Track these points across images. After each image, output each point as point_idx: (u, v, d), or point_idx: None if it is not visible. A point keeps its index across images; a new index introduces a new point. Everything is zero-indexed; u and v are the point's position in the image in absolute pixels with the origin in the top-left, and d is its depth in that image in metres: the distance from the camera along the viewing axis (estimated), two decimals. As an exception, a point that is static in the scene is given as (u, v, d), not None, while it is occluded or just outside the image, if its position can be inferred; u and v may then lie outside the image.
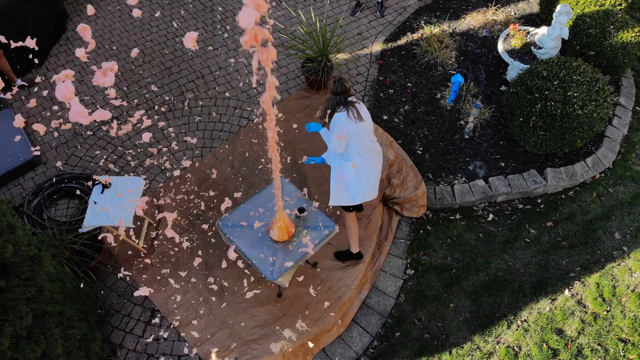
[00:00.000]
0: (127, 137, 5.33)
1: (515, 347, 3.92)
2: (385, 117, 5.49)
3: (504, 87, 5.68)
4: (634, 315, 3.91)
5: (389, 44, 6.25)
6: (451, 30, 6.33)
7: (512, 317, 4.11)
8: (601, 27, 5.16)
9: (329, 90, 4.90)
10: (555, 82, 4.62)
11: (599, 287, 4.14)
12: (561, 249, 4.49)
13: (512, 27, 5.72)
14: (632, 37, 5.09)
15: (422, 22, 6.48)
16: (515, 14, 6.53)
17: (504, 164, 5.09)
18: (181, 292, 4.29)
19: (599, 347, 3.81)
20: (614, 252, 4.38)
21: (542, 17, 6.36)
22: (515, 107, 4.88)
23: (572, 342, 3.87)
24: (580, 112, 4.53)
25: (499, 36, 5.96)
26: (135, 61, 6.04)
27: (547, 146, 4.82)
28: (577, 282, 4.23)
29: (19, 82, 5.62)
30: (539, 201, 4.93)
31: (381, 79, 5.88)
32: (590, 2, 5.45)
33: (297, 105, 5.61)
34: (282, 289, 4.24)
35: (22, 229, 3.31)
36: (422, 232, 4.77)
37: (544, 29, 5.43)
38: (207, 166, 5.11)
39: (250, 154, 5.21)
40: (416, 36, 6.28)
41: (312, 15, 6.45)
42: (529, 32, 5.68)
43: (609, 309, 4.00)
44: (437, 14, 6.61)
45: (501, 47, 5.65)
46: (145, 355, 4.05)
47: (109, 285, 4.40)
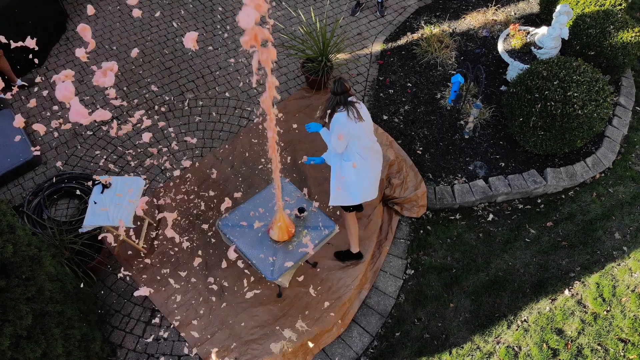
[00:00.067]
0: (127, 137, 5.33)
1: (515, 347, 3.92)
2: (385, 117, 5.49)
3: (504, 87, 5.68)
4: (634, 315, 3.91)
5: (389, 44, 6.25)
6: (451, 30, 6.33)
7: (512, 317, 4.11)
8: (601, 27, 5.16)
9: (329, 90, 4.90)
10: (555, 82, 4.62)
11: (599, 287, 4.14)
12: (561, 249, 4.49)
13: (512, 27, 5.72)
14: (632, 37, 5.09)
15: (422, 22, 6.48)
16: (515, 14, 6.53)
17: (504, 164, 5.09)
18: (181, 292, 4.29)
19: (599, 347, 3.81)
20: (614, 252, 4.38)
21: (542, 17, 6.36)
22: (515, 107, 4.88)
23: (572, 342, 3.87)
24: (580, 112, 4.53)
25: (499, 36, 5.96)
26: (135, 61, 6.04)
27: (547, 146, 4.82)
28: (577, 282, 4.23)
29: (19, 82, 5.62)
30: (539, 201, 4.93)
31: (381, 79, 5.87)
32: (590, 2, 5.45)
33: (297, 105, 5.61)
34: (282, 289, 4.24)
35: (22, 229, 3.31)
36: (422, 232, 4.77)
37: (544, 29, 5.43)
38: (207, 166, 5.11)
39: (250, 154, 5.21)
40: (416, 36, 6.28)
41: (312, 15, 6.45)
42: (529, 32, 5.68)
43: (609, 309, 4.00)
44: (437, 14, 6.61)
45: (501, 47, 5.65)
46: (145, 355, 4.05)
47: (109, 285, 4.40)
